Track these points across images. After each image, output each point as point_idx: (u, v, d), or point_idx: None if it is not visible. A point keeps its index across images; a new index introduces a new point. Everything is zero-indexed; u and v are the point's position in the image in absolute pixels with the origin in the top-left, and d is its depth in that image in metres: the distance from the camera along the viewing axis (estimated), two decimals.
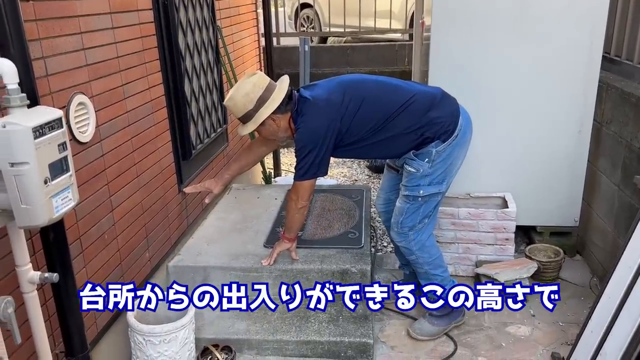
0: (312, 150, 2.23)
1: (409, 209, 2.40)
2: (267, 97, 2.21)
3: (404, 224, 2.43)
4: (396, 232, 2.48)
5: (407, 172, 2.36)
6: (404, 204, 2.41)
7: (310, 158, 2.24)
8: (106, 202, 2.07)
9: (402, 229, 2.44)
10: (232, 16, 3.69)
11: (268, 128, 2.29)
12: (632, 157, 2.53)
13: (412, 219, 2.41)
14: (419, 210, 2.39)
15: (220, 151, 3.43)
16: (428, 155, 2.30)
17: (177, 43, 2.64)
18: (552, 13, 2.77)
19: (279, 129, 2.31)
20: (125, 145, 2.20)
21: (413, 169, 2.34)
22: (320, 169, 2.29)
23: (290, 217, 2.46)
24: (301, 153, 2.26)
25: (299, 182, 2.33)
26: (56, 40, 1.75)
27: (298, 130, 2.26)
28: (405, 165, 2.36)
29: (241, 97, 2.21)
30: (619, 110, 2.69)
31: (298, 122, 2.27)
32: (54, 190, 1.26)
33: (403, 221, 2.43)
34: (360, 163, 5.13)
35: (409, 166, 2.34)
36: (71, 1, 1.83)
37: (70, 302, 1.65)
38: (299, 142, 2.26)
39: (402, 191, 2.42)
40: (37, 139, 1.19)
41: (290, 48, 5.42)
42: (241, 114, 2.24)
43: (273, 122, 2.26)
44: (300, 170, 2.29)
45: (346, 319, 2.49)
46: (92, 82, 1.95)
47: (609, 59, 3.06)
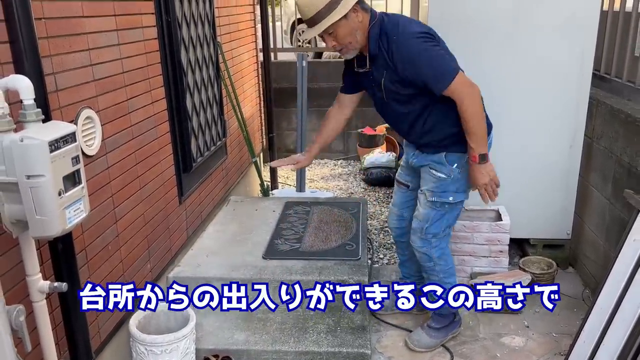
0: (432, 46, 2.04)
1: (435, 216, 2.35)
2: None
3: (428, 231, 2.38)
4: (419, 237, 2.42)
5: (436, 178, 2.30)
6: (429, 210, 2.35)
7: (437, 53, 2.05)
8: (110, 214, 2.12)
9: (426, 236, 2.40)
10: (231, 32, 3.76)
11: (349, 23, 2.04)
12: (622, 172, 2.61)
13: (437, 226, 2.37)
14: (444, 217, 2.36)
15: (220, 164, 3.49)
16: (458, 161, 2.26)
17: (180, 59, 2.70)
18: (545, 30, 2.86)
19: (359, 25, 2.08)
20: (129, 158, 2.25)
21: (443, 175, 2.28)
22: (453, 60, 2.11)
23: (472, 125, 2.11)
24: (425, 53, 2.03)
25: (453, 84, 2.05)
26: (66, 57, 1.80)
27: (396, 40, 2.04)
28: (433, 171, 2.30)
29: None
30: (609, 126, 2.77)
31: (390, 30, 2.06)
32: (67, 202, 1.30)
33: (428, 228, 2.38)
34: (357, 176, 5.19)
35: (438, 172, 2.28)
36: (81, 19, 1.89)
37: (77, 311, 1.69)
38: (411, 47, 2.03)
39: (427, 197, 2.34)
40: (53, 152, 1.25)
41: (287, 63, 5.50)
42: (322, 4, 1.99)
43: (355, 15, 2.05)
44: (440, 70, 2.05)
45: (344, 330, 2.53)
46: (99, 97, 2.01)
47: (599, 76, 3.15)
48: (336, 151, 5.70)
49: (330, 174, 5.31)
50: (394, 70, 2.10)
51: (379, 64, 2.15)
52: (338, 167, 5.52)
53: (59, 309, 1.74)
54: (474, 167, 2.20)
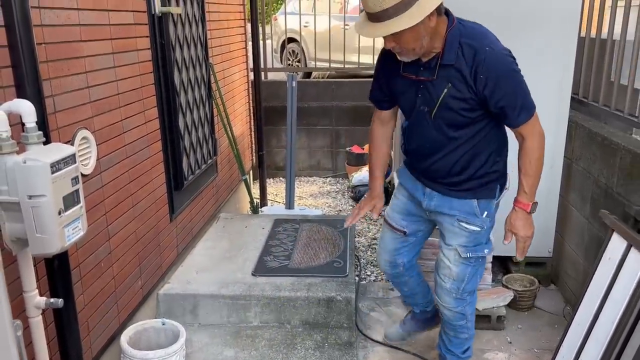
0: (519, 75, 1.83)
1: (471, 272, 2.09)
2: None
3: (465, 290, 2.12)
4: (454, 298, 2.14)
5: (468, 232, 2.03)
6: (465, 267, 2.07)
7: (524, 81, 1.83)
8: (104, 231, 2.17)
9: (462, 295, 2.13)
10: (223, 53, 3.85)
11: (419, 29, 1.70)
12: (599, 192, 2.71)
13: (474, 282, 2.13)
14: (479, 271, 2.13)
15: (210, 181, 3.55)
16: (488, 208, 2.03)
17: (173, 80, 2.78)
18: (527, 56, 2.97)
19: (430, 30, 1.75)
20: (122, 176, 2.31)
21: (477, 227, 2.03)
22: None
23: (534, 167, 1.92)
24: (515, 76, 1.81)
25: (533, 120, 1.86)
26: (64, 80, 1.87)
27: (489, 52, 1.76)
28: (464, 224, 2.02)
29: None
30: (587, 148, 2.88)
31: (476, 40, 1.79)
32: (66, 221, 1.36)
33: (465, 287, 2.11)
34: (345, 194, 5.27)
35: (471, 224, 2.02)
36: (79, 43, 1.96)
37: (71, 327, 1.73)
38: (504, 64, 1.78)
39: (460, 254, 2.05)
40: (54, 173, 1.31)
41: (277, 82, 5.60)
42: (396, 0, 1.64)
43: (429, 20, 1.71)
44: (526, 101, 1.84)
45: (332, 346, 2.59)
46: (95, 118, 2.08)
47: (578, 100, 3.27)
48: (325, 169, 5.79)
49: (319, 192, 5.38)
50: (468, 85, 1.79)
51: (447, 74, 1.82)
52: (327, 185, 5.59)
53: (52, 324, 1.78)
54: (523, 216, 1.96)
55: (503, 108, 1.82)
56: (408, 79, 1.92)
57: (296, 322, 2.72)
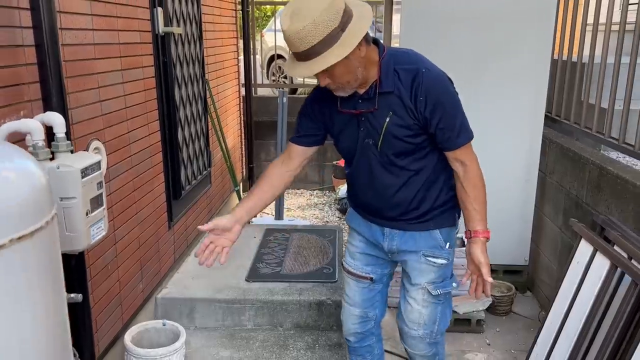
0: (456, 96, 1.77)
1: (442, 311, 1.96)
2: (351, 13, 1.60)
3: (438, 331, 1.99)
4: (428, 343, 2.00)
5: (436, 266, 1.91)
6: (434, 306, 1.94)
7: (461, 106, 1.77)
8: (111, 236, 2.31)
9: (435, 337, 2.00)
10: (217, 70, 4.03)
11: (350, 61, 1.60)
12: (570, 203, 2.93)
13: (445, 321, 2.00)
14: (448, 308, 2.00)
15: (204, 192, 3.70)
16: (450, 238, 1.93)
17: (174, 95, 2.95)
18: (505, 76, 3.20)
19: (362, 61, 1.65)
20: (128, 185, 2.46)
21: (444, 260, 1.91)
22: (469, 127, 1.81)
23: (481, 193, 1.84)
24: (454, 97, 1.76)
25: (467, 146, 1.79)
26: (80, 94, 2.03)
27: (426, 73, 1.70)
28: (431, 259, 1.90)
29: (323, 10, 1.52)
30: (560, 163, 3.10)
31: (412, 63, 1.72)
32: (92, 221, 1.51)
33: (438, 329, 1.98)
34: (332, 206, 5.45)
35: (438, 258, 1.90)
36: (93, 61, 2.12)
37: (85, 322, 1.87)
38: (443, 85, 1.73)
39: (430, 292, 1.92)
40: (83, 178, 1.46)
41: (265, 98, 5.79)
42: (320, 36, 1.54)
43: (358, 50, 1.62)
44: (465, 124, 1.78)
45: (322, 347, 2.74)
46: (105, 130, 2.23)
47: (551, 117, 3.51)
48: (312, 182, 5.97)
49: (306, 204, 5.55)
50: (409, 110, 1.72)
51: (388, 102, 1.73)
52: (314, 197, 5.77)
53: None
54: (480, 246, 1.84)
55: (443, 129, 1.73)
56: (347, 114, 1.80)
57: (288, 324, 2.87)
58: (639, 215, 2.25)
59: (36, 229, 0.90)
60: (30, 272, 0.93)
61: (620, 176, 2.41)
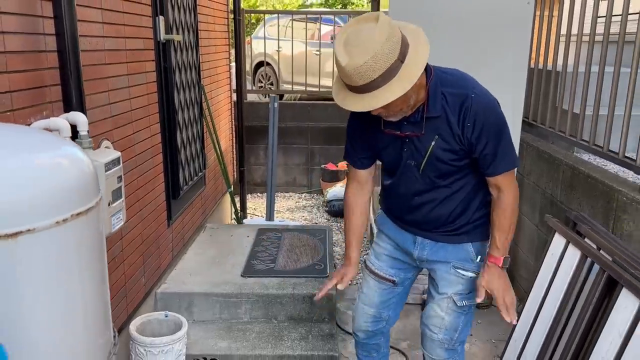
0: (504, 122, 1.74)
1: (464, 321, 1.98)
2: (407, 41, 1.56)
3: (458, 340, 2.00)
4: (446, 349, 2.00)
5: (465, 279, 1.92)
6: (458, 316, 1.95)
7: (508, 134, 1.76)
8: (118, 232, 2.44)
9: (454, 345, 2.01)
10: (211, 76, 4.19)
11: (408, 91, 1.55)
12: (545, 202, 3.14)
13: (466, 331, 2.02)
14: (470, 319, 2.01)
15: (199, 193, 3.84)
16: (482, 252, 1.92)
17: (173, 99, 3.09)
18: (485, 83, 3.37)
19: (416, 88, 1.61)
20: (132, 183, 2.60)
21: (473, 274, 1.92)
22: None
23: (507, 222, 1.83)
24: (499, 125, 1.73)
25: (508, 173, 1.77)
26: (93, 97, 2.17)
27: (475, 99, 1.70)
28: (461, 271, 1.92)
29: (383, 43, 1.46)
30: (536, 165, 3.32)
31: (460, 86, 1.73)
32: (113, 211, 1.65)
33: (459, 337, 1.99)
34: (320, 208, 5.62)
35: (467, 271, 1.91)
36: (103, 66, 2.27)
37: None
38: (491, 110, 1.72)
39: (456, 302, 1.93)
40: (107, 171, 1.60)
41: (255, 103, 5.96)
42: (381, 70, 1.49)
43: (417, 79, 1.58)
44: (509, 151, 1.76)
45: (315, 337, 2.89)
46: (114, 130, 2.37)
47: (528, 122, 3.73)
48: (300, 185, 6.13)
49: (295, 206, 5.71)
50: (456, 135, 1.71)
51: (434, 127, 1.72)
52: (302, 200, 5.93)
53: None
54: (496, 271, 1.83)
55: (486, 155, 1.72)
56: (391, 135, 1.79)
57: (283, 317, 3.03)
58: (607, 210, 2.46)
59: (89, 207, 1.05)
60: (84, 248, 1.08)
61: (591, 175, 2.62)
